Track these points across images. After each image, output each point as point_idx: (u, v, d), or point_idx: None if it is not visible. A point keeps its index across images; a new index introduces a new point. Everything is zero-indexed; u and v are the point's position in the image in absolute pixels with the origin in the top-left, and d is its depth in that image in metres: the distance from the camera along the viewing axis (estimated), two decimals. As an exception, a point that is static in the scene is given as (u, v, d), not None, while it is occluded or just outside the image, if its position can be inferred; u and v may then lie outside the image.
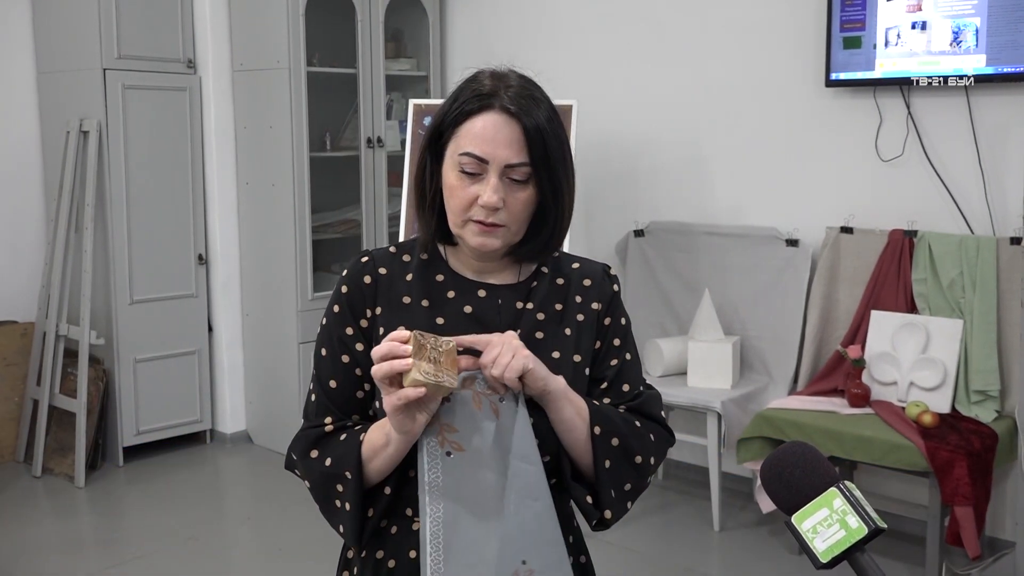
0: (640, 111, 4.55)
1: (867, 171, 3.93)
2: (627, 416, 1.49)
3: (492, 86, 1.41)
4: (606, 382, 1.51)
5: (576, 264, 1.56)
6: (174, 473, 4.64)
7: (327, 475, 1.44)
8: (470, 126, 1.40)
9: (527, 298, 1.50)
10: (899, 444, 3.34)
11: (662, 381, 4.06)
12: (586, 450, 1.44)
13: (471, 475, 1.34)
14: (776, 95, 4.16)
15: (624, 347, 1.54)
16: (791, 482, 1.10)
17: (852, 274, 3.92)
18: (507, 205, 1.40)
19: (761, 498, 3.71)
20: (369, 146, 4.87)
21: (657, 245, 4.44)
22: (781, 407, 3.71)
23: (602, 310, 1.53)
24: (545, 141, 1.39)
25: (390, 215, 4.97)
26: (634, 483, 1.49)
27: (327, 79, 4.87)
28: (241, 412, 5.06)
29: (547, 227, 1.46)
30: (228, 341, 4.99)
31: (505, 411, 1.36)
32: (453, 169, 1.41)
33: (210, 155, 4.86)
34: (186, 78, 4.77)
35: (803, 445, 1.12)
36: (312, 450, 1.47)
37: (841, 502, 1.06)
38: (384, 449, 1.39)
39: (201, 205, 4.87)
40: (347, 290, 1.49)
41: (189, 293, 4.87)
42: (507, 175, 1.40)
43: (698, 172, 4.42)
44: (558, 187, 1.43)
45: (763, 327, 4.15)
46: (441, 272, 1.50)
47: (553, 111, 1.43)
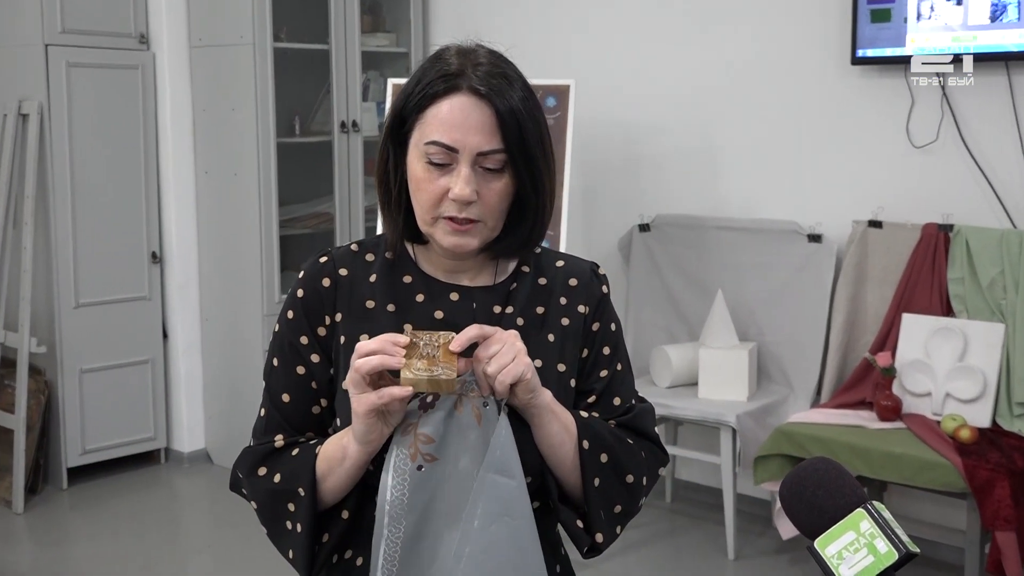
0: (645, 91, 4.56)
1: (898, 158, 3.95)
2: (617, 431, 1.50)
3: (459, 65, 1.41)
4: (594, 395, 1.52)
5: (561, 262, 1.56)
6: (124, 497, 4.63)
7: (276, 492, 1.44)
8: (436, 111, 1.40)
9: (506, 301, 1.50)
10: (934, 462, 3.36)
11: (670, 392, 4.08)
12: (573, 468, 1.44)
13: (443, 488, 1.34)
14: (796, 74, 4.18)
15: (615, 356, 1.54)
16: (813, 503, 1.12)
17: (881, 273, 3.94)
18: (481, 197, 1.40)
19: (781, 522, 3.72)
20: (343, 131, 4.88)
21: (664, 241, 4.46)
22: (802, 421, 3.73)
23: (590, 314, 1.53)
24: (520, 124, 1.40)
25: (366, 208, 4.98)
26: (625, 505, 1.49)
27: (296, 56, 4.87)
28: (200, 428, 5.06)
29: (526, 220, 1.46)
30: (185, 349, 4.99)
31: (487, 418, 1.37)
32: (419, 160, 1.41)
33: (165, 141, 4.86)
34: (138, 55, 4.77)
35: (826, 461, 1.13)
36: (260, 467, 1.47)
37: (869, 524, 1.07)
38: (341, 464, 1.39)
39: (155, 197, 4.87)
40: (303, 294, 1.49)
41: (141, 295, 4.87)
42: (480, 164, 1.40)
43: (709, 160, 4.44)
44: (537, 175, 1.43)
45: (782, 332, 4.17)
46: (409, 273, 1.51)
47: (528, 90, 1.43)
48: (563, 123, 4.07)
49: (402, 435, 1.35)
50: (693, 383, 4.13)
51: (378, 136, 5.37)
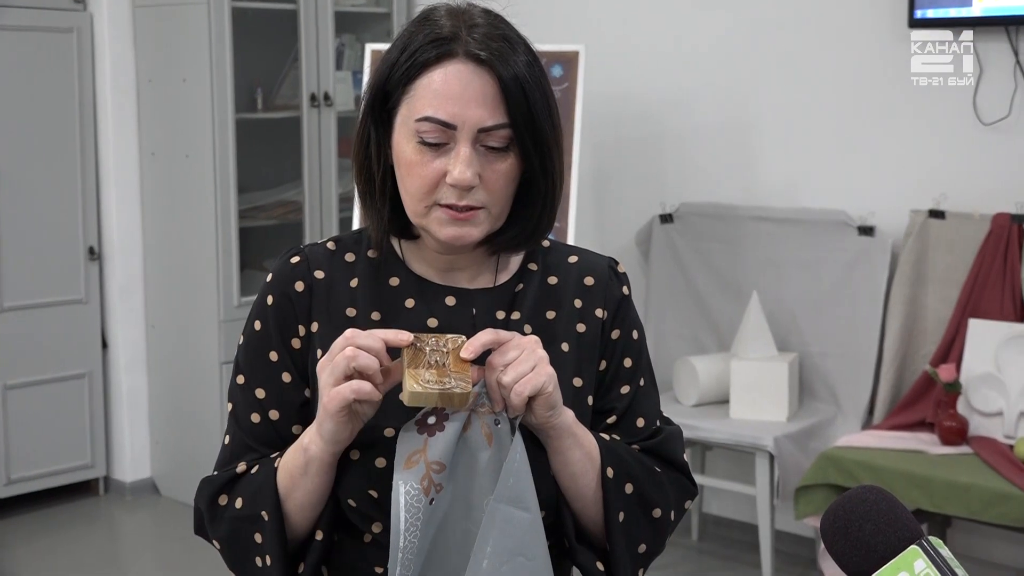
0: (668, 61, 4.57)
1: (963, 138, 3.95)
2: (643, 458, 1.50)
3: (452, 27, 1.41)
4: (615, 415, 1.52)
5: (574, 258, 1.56)
6: (58, 534, 4.63)
7: (239, 521, 1.44)
8: (427, 82, 1.40)
9: (511, 306, 1.50)
10: (1006, 493, 3.36)
11: (697, 411, 4.08)
12: (595, 501, 1.44)
13: (451, 521, 1.34)
14: (844, 37, 4.18)
15: (637, 369, 1.54)
16: (860, 539, 1.12)
17: (944, 272, 3.94)
18: (484, 181, 1.40)
19: (826, 564, 3.72)
20: (314, 105, 4.88)
21: (690, 234, 4.46)
22: (852, 446, 3.73)
23: (608, 319, 1.53)
24: (527, 94, 1.40)
25: (341, 195, 4.98)
26: (650, 544, 1.49)
27: (258, 17, 4.87)
28: (145, 454, 5.06)
29: (534, 207, 1.46)
30: (128, 361, 4.99)
31: (499, 438, 1.36)
32: (409, 140, 1.41)
33: (104, 118, 4.86)
34: (73, 16, 4.77)
35: (876, 490, 1.14)
36: (220, 495, 1.47)
37: (924, 564, 1.07)
38: (305, 473, 1.39)
39: (92, 183, 4.87)
40: (272, 301, 1.49)
41: (76, 298, 4.87)
42: (481, 142, 1.40)
43: (742, 139, 4.44)
44: (546, 153, 1.43)
45: (828, 341, 4.17)
46: (396, 274, 1.51)
47: (532, 54, 1.44)
48: (571, 96, 4.07)
49: (407, 468, 1.33)
50: (724, 401, 4.13)
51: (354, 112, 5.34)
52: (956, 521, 3.80)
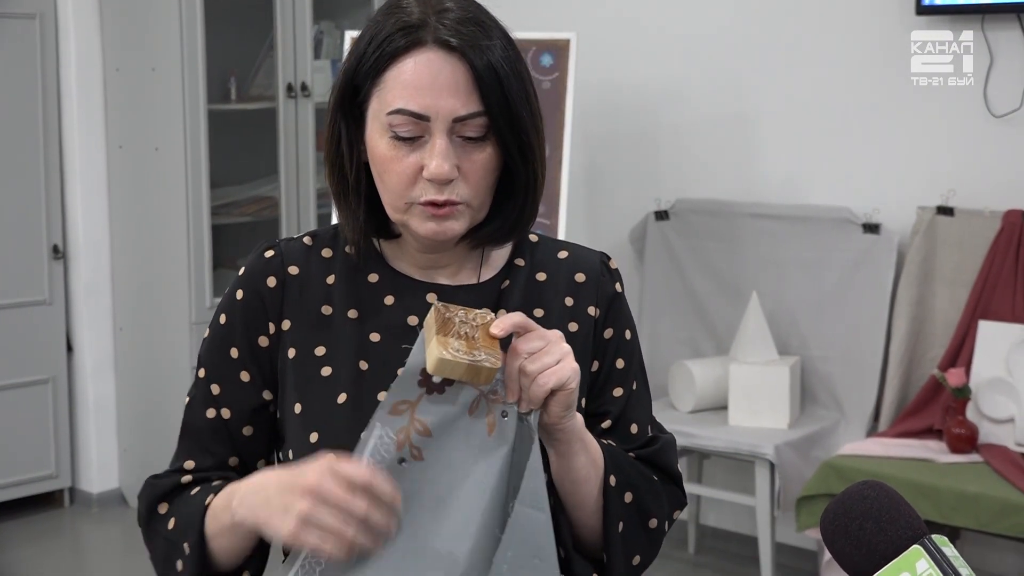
0: (664, 49, 4.57)
1: (973, 131, 3.97)
2: (640, 466, 1.51)
3: (420, 13, 1.41)
4: (609, 419, 1.53)
5: (564, 253, 1.58)
6: (20, 549, 4.61)
7: (169, 543, 1.47)
8: (397, 72, 1.41)
9: (496, 303, 1.51)
10: (1017, 504, 3.37)
11: (693, 418, 4.09)
12: (595, 510, 1.45)
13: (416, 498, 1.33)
14: (849, 25, 4.19)
15: (630, 371, 1.55)
16: (860, 538, 1.13)
17: (952, 271, 3.95)
18: (463, 173, 1.42)
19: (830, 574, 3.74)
20: (290, 95, 4.88)
21: (686, 232, 4.47)
22: (856, 454, 3.74)
23: (600, 317, 1.54)
24: (502, 81, 1.41)
25: (319, 190, 4.98)
26: (643, 556, 1.51)
27: (232, 2, 4.87)
28: (112, 463, 5.05)
29: (516, 197, 1.47)
30: (94, 365, 4.98)
31: (501, 432, 1.36)
32: (382, 135, 1.42)
33: (69, 108, 4.86)
34: (35, 1, 4.76)
35: (876, 487, 1.14)
36: (160, 503, 1.50)
37: (927, 564, 1.08)
38: (229, 534, 1.41)
39: (57, 178, 4.86)
40: (242, 296, 1.51)
41: (39, 299, 4.86)
42: (457, 133, 1.41)
43: (742, 132, 4.45)
44: (525, 141, 1.44)
45: (832, 344, 4.18)
46: (375, 271, 1.52)
47: (507, 38, 1.45)
48: (562, 87, 4.08)
49: (392, 413, 1.33)
50: (722, 407, 4.14)
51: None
52: (965, 533, 3.81)
